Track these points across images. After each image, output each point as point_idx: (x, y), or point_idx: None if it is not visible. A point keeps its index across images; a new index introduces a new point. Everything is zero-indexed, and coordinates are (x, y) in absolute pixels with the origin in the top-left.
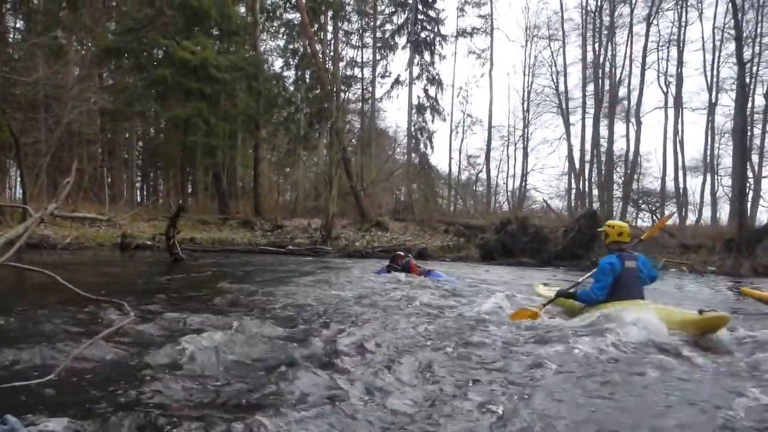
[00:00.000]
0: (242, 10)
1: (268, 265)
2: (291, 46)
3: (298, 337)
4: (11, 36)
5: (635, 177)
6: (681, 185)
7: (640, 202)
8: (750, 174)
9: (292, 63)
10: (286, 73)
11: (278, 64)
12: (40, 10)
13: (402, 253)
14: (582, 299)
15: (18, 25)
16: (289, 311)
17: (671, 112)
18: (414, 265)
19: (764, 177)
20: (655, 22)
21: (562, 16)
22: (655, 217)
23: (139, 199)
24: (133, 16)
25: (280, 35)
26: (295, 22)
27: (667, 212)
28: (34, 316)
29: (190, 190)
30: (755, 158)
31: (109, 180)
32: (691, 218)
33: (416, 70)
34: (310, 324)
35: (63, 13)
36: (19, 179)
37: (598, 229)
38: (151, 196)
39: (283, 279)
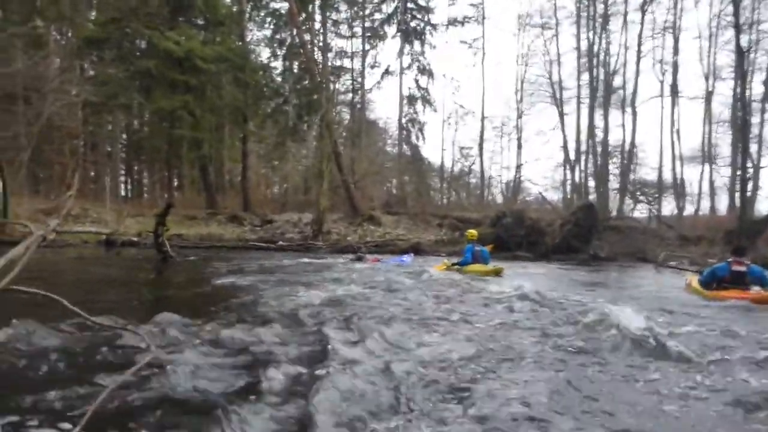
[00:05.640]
0: None
1: (260, 261)
2: (278, 36)
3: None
4: None
5: (632, 167)
6: (679, 176)
7: (638, 193)
8: (749, 164)
9: (279, 53)
10: (273, 64)
11: (265, 54)
12: None
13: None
14: (459, 263)
15: None
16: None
17: (668, 101)
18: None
19: (762, 167)
20: (650, 9)
21: (555, 4)
22: (652, 208)
23: (123, 194)
24: (115, 6)
25: (267, 25)
26: (283, 12)
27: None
28: (43, 350)
29: (176, 184)
30: (753, 147)
31: (92, 174)
32: (689, 209)
33: (406, 60)
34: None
35: (41, 2)
36: None
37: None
38: (135, 190)
39: (280, 277)
